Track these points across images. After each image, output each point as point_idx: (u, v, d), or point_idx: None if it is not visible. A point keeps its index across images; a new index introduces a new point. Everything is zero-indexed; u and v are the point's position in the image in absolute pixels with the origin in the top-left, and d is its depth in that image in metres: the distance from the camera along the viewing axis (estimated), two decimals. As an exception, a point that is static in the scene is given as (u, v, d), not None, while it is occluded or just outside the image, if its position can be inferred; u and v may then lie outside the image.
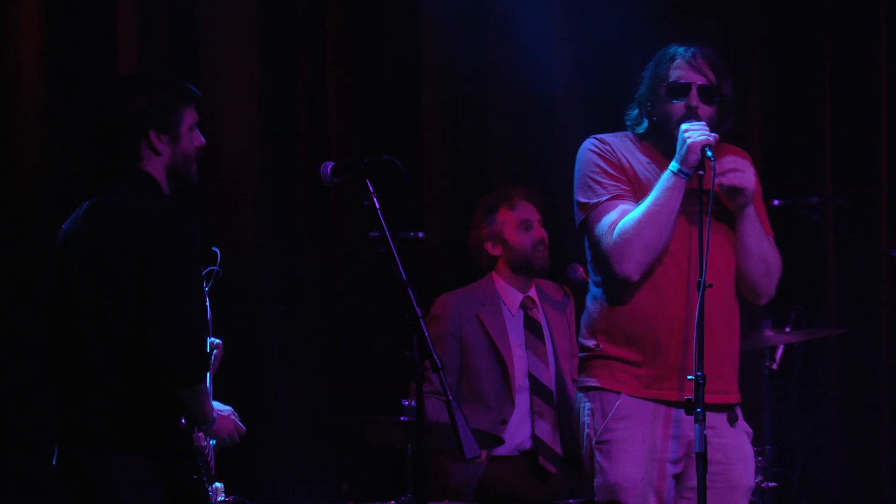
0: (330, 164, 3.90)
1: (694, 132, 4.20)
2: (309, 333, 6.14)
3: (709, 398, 4.16)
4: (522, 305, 5.88)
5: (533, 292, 5.92)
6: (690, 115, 4.28)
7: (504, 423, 5.69)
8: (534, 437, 5.75)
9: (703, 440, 3.93)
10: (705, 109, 4.31)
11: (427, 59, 6.45)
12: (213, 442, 3.99)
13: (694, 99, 4.30)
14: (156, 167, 3.85)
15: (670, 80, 4.32)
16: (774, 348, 6.03)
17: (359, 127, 6.33)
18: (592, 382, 4.35)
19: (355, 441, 6.02)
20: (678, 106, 4.31)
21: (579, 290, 5.54)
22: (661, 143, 4.37)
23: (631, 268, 4.26)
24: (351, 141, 6.29)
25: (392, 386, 5.83)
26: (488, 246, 5.90)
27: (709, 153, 4.18)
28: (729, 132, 4.39)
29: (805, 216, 6.22)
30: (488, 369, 5.79)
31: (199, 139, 3.92)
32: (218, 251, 4.33)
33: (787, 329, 6.07)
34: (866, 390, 6.81)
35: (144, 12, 5.85)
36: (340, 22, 6.32)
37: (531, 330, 5.85)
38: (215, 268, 4.29)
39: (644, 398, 4.28)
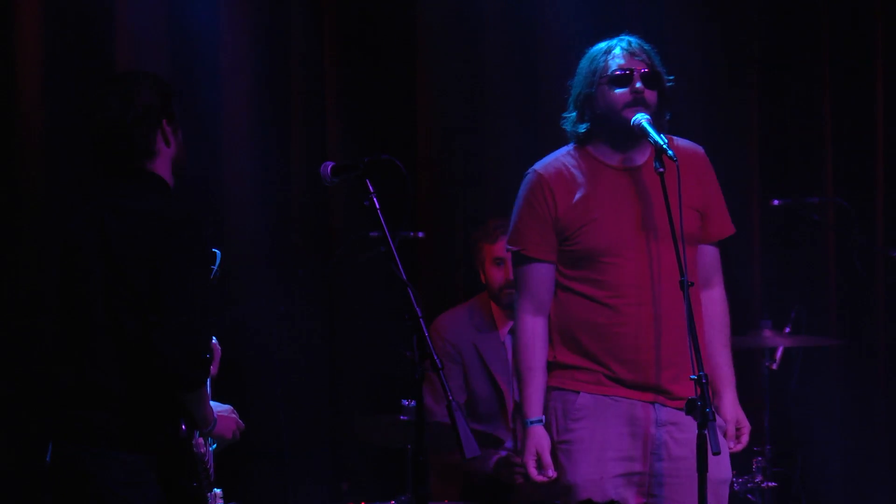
0: (330, 164, 3.90)
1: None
2: (308, 333, 6.14)
3: (678, 403, 4.19)
4: (511, 331, 5.89)
5: None
6: (637, 102, 4.24)
7: (502, 445, 5.69)
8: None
9: (703, 439, 3.91)
10: (650, 94, 4.28)
11: (423, 59, 6.45)
12: (213, 447, 3.99)
13: (638, 83, 4.26)
14: (163, 163, 3.85)
15: (612, 71, 4.28)
16: (774, 349, 6.03)
17: (355, 127, 6.33)
18: (553, 383, 4.36)
19: (355, 441, 6.02)
20: (623, 93, 4.27)
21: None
22: (605, 138, 4.33)
23: None
24: (348, 141, 6.29)
25: (392, 386, 5.83)
26: (480, 274, 5.93)
27: (669, 152, 4.13)
28: (666, 125, 4.34)
29: (805, 216, 6.22)
30: (486, 396, 5.82)
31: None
32: (219, 253, 4.33)
33: (787, 330, 6.07)
34: (865, 390, 6.82)
35: (143, 12, 5.85)
36: (337, 22, 6.32)
37: None
38: (213, 268, 4.29)
39: (604, 395, 4.29)
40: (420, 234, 6.03)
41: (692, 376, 3.93)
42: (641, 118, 4.21)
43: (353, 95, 6.35)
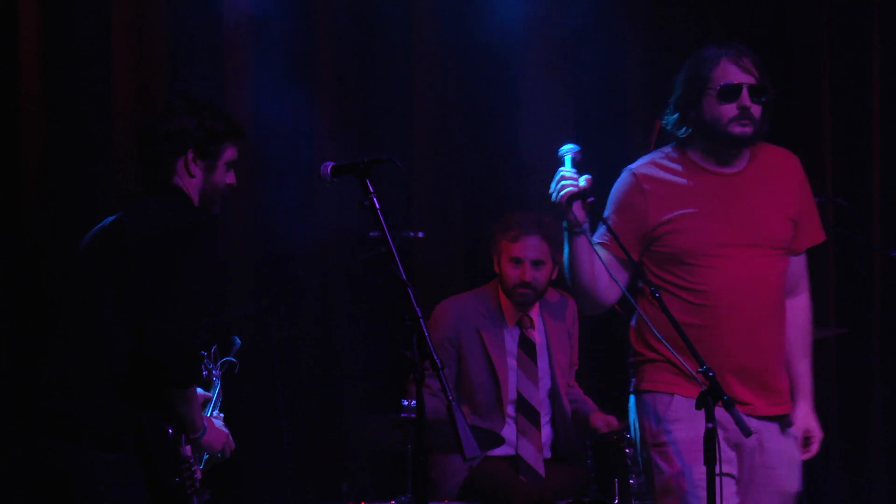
0: (330, 164, 3.90)
1: (555, 190, 4.12)
2: (308, 333, 6.14)
3: (767, 410, 4.21)
4: (519, 323, 5.89)
5: (534, 310, 5.93)
6: (743, 117, 4.20)
7: (502, 443, 5.69)
8: (517, 455, 5.78)
9: (712, 433, 3.88)
10: (756, 109, 4.23)
11: (419, 58, 6.45)
12: (205, 456, 4.00)
13: (746, 99, 4.20)
14: (189, 185, 3.94)
15: (722, 83, 4.21)
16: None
17: (351, 126, 6.32)
18: (645, 385, 4.29)
19: (355, 441, 6.02)
20: (729, 108, 4.21)
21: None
22: (707, 147, 4.28)
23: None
24: (344, 141, 6.28)
25: (392, 386, 5.83)
26: (494, 263, 5.93)
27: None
28: (765, 134, 4.31)
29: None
30: (482, 382, 5.82)
31: (232, 178, 4.05)
32: (238, 340, 4.37)
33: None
34: (864, 390, 6.82)
35: (142, 13, 5.86)
36: (333, 21, 6.32)
37: (524, 349, 5.87)
38: (231, 359, 4.34)
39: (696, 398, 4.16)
40: (420, 234, 6.02)
41: (700, 369, 3.90)
42: (567, 151, 4.17)
43: (350, 94, 6.35)
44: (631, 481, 5.60)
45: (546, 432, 5.86)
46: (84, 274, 3.88)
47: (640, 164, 4.34)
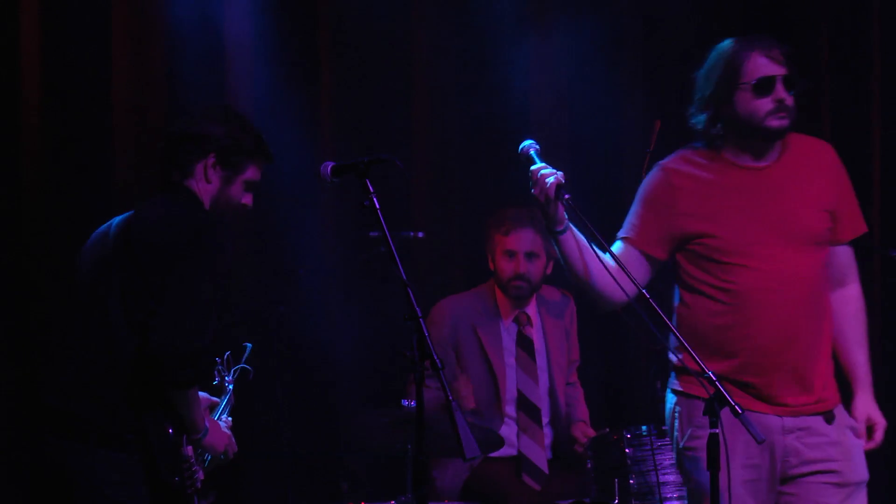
0: (330, 164, 3.90)
1: (539, 186, 4.02)
2: (308, 333, 6.14)
3: (808, 409, 4.15)
4: (516, 320, 5.90)
5: (532, 307, 5.93)
6: (780, 110, 4.11)
7: (502, 444, 5.69)
8: (518, 453, 5.78)
9: (715, 438, 3.82)
10: (790, 100, 4.14)
11: (419, 58, 6.45)
12: (208, 457, 4.00)
13: (781, 91, 4.12)
14: (203, 189, 3.94)
15: (757, 77, 4.12)
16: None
17: (350, 126, 6.33)
18: (678, 386, 4.25)
19: (355, 441, 6.02)
20: (765, 102, 4.12)
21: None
22: (740, 142, 4.19)
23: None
24: (344, 141, 6.28)
25: (392, 386, 5.84)
26: (489, 260, 5.94)
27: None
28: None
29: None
30: (480, 381, 5.83)
31: (248, 199, 4.04)
32: (249, 346, 4.38)
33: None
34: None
35: (140, 16, 5.86)
36: (333, 21, 6.32)
37: (522, 347, 5.87)
38: (244, 365, 4.35)
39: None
40: (420, 234, 6.03)
41: (705, 374, 3.85)
42: (529, 146, 4.10)
43: (350, 94, 6.35)
44: (631, 481, 5.60)
45: (547, 433, 5.86)
46: (90, 273, 3.89)
47: (670, 160, 4.29)
